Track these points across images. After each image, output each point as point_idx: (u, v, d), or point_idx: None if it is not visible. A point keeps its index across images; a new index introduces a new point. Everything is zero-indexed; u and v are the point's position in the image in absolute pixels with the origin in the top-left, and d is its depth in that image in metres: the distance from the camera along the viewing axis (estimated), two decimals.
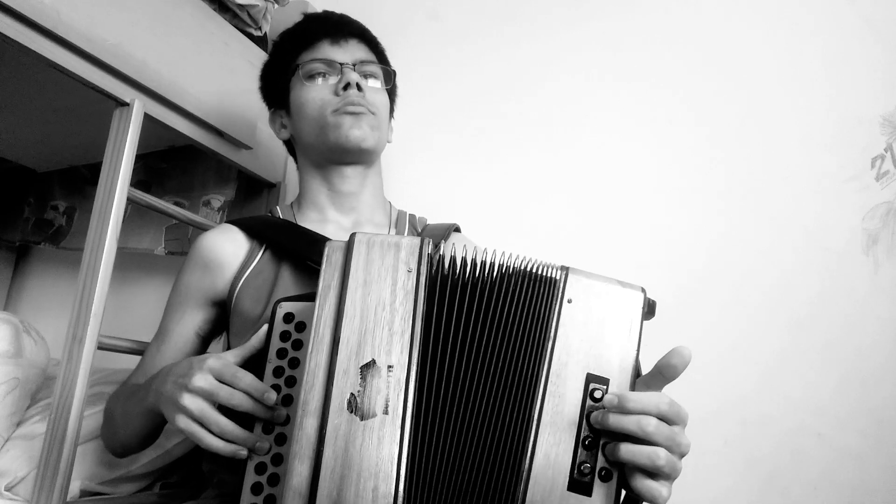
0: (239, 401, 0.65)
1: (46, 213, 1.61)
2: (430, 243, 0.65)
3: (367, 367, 0.59)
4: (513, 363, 0.62)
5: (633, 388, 0.60)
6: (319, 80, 0.98)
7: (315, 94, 0.97)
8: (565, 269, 0.64)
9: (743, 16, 1.19)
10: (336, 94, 0.96)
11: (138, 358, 1.00)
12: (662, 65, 1.23)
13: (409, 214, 1.09)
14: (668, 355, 0.60)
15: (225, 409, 0.66)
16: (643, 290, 0.63)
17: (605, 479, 0.57)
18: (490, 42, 1.36)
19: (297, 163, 1.08)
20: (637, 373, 0.62)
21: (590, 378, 0.60)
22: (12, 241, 1.68)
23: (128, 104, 0.99)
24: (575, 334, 0.61)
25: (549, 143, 1.28)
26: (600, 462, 0.58)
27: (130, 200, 1.00)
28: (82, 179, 1.59)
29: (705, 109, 1.18)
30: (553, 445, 0.58)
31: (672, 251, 1.15)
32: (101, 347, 0.96)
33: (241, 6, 1.19)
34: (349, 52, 1.00)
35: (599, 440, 0.58)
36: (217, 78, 1.15)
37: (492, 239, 1.15)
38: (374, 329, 0.60)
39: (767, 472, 1.03)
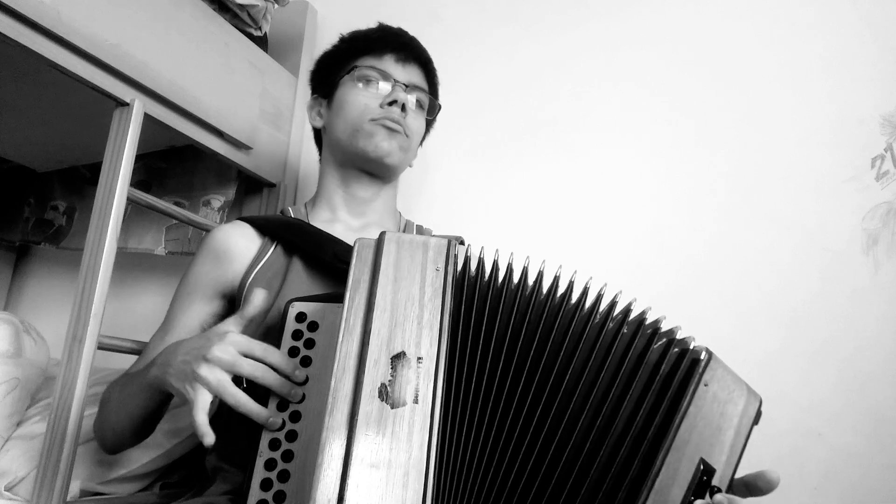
0: (262, 374, 0.65)
1: (46, 213, 1.61)
2: (456, 245, 0.66)
3: (398, 358, 0.60)
4: (621, 411, 0.62)
5: (730, 486, 0.62)
6: (370, 87, 1.02)
7: (361, 97, 1.01)
8: (709, 353, 0.65)
9: (742, 16, 1.19)
10: (381, 105, 1.00)
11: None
12: (662, 65, 1.23)
13: (417, 225, 1.12)
14: (758, 475, 0.62)
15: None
16: (761, 400, 0.65)
17: None
18: (490, 43, 1.36)
19: (320, 155, 1.11)
20: (735, 473, 0.63)
21: (702, 462, 0.61)
22: (12, 241, 1.68)
23: (128, 104, 0.99)
24: (701, 417, 0.62)
25: (549, 143, 1.28)
26: None
27: (130, 200, 1.00)
28: (82, 179, 1.59)
29: (705, 110, 1.18)
30: None
31: (672, 250, 1.15)
32: (101, 347, 0.96)
33: (241, 6, 1.19)
34: (408, 73, 1.04)
35: None
36: (217, 78, 1.15)
37: (489, 240, 1.15)
38: (404, 322, 0.61)
39: None
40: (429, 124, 1.11)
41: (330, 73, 1.08)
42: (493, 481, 0.61)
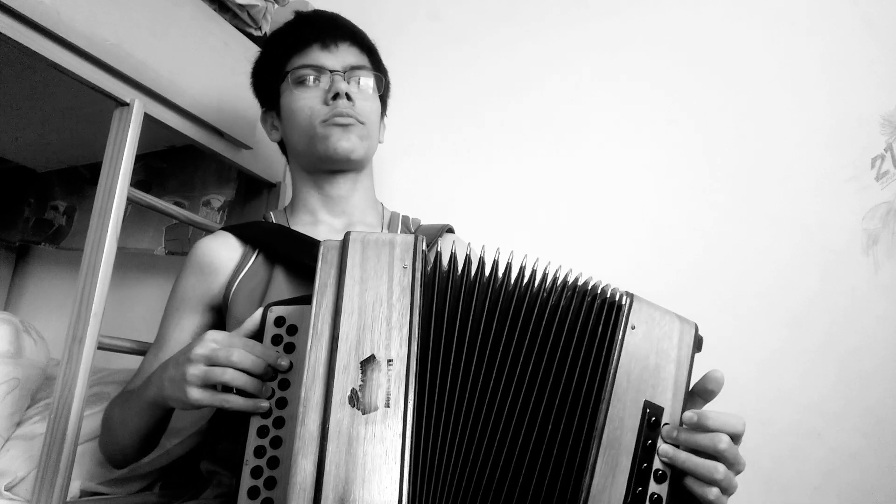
0: (239, 358, 0.65)
1: (46, 213, 1.61)
2: (424, 240, 0.65)
3: (368, 362, 0.59)
4: (562, 377, 0.63)
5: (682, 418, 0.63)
6: (310, 84, 0.98)
7: (304, 102, 0.97)
8: (630, 295, 0.65)
9: (742, 16, 1.19)
10: (325, 103, 0.96)
11: (139, 358, 1.00)
12: (662, 65, 1.23)
13: (403, 216, 1.09)
14: (704, 380, 0.64)
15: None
16: (696, 326, 0.65)
17: (655, 503, 0.60)
18: (490, 42, 1.36)
19: (288, 164, 1.08)
20: (686, 402, 0.63)
21: (647, 405, 0.61)
22: (12, 241, 1.68)
23: (128, 104, 0.98)
24: (636, 361, 0.62)
25: (548, 143, 1.28)
26: (651, 487, 0.60)
27: (130, 200, 1.00)
28: (82, 179, 1.59)
29: (705, 110, 1.18)
30: (610, 468, 0.59)
31: (671, 250, 1.15)
32: (101, 347, 0.96)
33: (241, 6, 1.19)
34: (339, 57, 0.99)
35: (652, 466, 0.60)
36: (217, 78, 1.14)
37: (489, 239, 1.15)
38: (373, 325, 0.60)
39: (767, 472, 1.03)
40: (383, 97, 1.06)
41: (268, 84, 1.05)
42: (468, 481, 0.61)
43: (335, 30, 1.01)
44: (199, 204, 1.36)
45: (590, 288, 0.66)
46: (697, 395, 0.64)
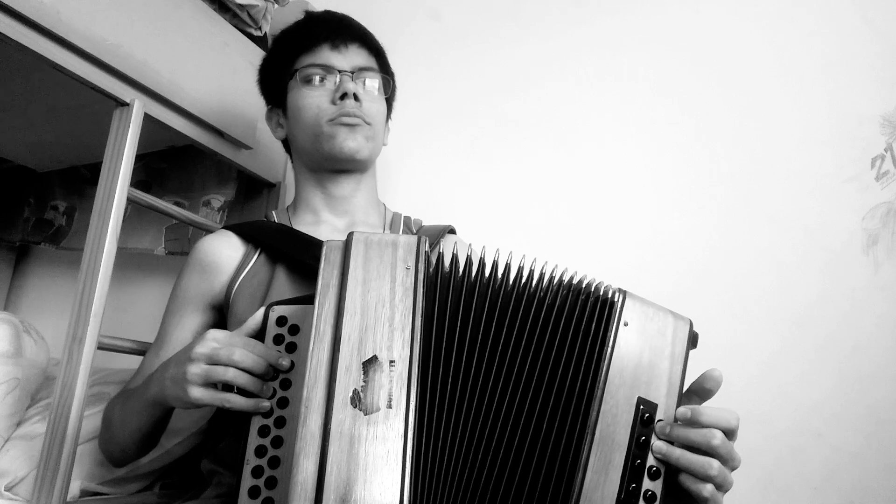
0: (240, 357, 0.65)
1: (46, 213, 1.61)
2: (427, 241, 0.65)
3: (370, 363, 0.59)
4: (557, 375, 0.63)
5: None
6: (317, 84, 0.98)
7: (312, 100, 0.98)
8: (623, 292, 0.65)
9: (742, 16, 1.19)
10: (333, 102, 0.96)
11: (138, 358, 1.00)
12: (663, 65, 1.23)
13: (405, 217, 1.09)
14: (702, 379, 0.64)
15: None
16: (690, 322, 0.65)
17: (649, 501, 0.59)
18: (490, 42, 1.36)
19: (292, 162, 1.09)
20: (681, 399, 0.63)
21: (640, 401, 0.61)
22: (12, 241, 1.68)
23: (128, 104, 0.98)
24: (630, 358, 0.62)
25: (549, 143, 1.28)
26: (645, 484, 0.60)
27: (130, 200, 1.00)
28: (82, 179, 1.59)
29: (705, 110, 1.18)
30: (603, 465, 0.59)
31: (671, 251, 1.15)
32: (101, 347, 0.96)
33: (241, 6, 1.19)
34: (348, 58, 1.00)
35: (646, 463, 0.60)
36: (217, 78, 1.14)
37: (490, 239, 1.15)
38: (375, 325, 0.60)
39: (767, 472, 1.03)
40: (389, 100, 1.07)
41: (275, 81, 1.05)
42: (468, 480, 0.61)
43: (345, 30, 1.02)
44: (199, 204, 1.36)
45: (584, 286, 0.67)
46: (695, 393, 0.64)
